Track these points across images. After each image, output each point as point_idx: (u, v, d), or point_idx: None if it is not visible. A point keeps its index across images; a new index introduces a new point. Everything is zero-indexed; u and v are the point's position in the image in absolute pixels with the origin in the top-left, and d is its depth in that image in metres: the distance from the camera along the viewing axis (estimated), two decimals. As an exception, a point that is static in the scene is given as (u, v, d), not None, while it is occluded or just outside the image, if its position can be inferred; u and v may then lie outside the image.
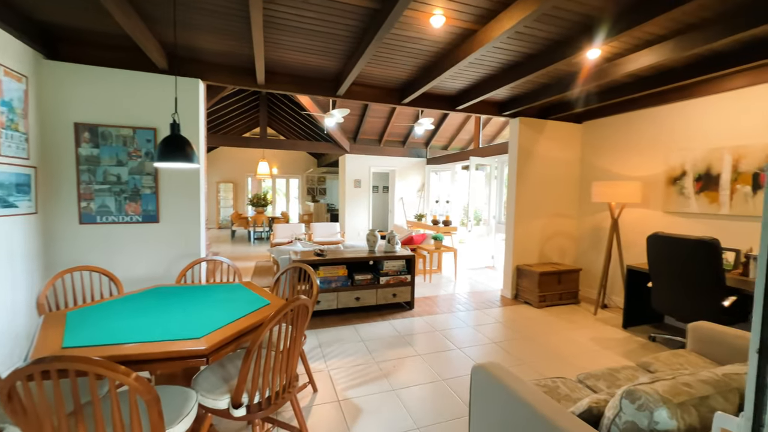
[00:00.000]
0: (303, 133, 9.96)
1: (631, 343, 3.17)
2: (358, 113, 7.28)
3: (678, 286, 2.85)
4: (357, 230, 8.66)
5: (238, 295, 2.05)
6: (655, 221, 3.80)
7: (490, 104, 4.22)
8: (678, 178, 3.59)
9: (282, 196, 13.55)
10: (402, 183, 8.95)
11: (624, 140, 4.11)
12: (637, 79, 3.34)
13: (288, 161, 12.76)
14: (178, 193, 3.04)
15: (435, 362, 2.73)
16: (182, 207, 3.04)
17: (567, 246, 4.74)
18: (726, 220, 3.24)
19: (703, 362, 1.89)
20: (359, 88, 3.62)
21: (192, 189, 3.07)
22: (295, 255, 3.72)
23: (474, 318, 3.76)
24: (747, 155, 3.08)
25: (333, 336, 3.19)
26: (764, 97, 2.97)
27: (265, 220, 9.11)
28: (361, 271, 3.89)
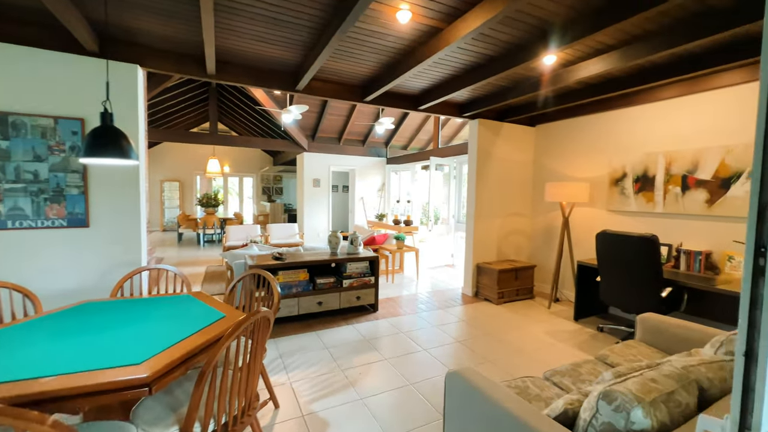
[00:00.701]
0: (258, 130, 9.48)
1: (583, 335, 3.37)
2: (317, 110, 7.06)
3: (623, 279, 3.06)
4: (317, 231, 8.42)
5: (187, 308, 1.83)
6: (601, 219, 4.09)
7: (451, 105, 4.27)
8: (620, 179, 3.88)
9: (235, 196, 12.82)
10: (362, 183, 8.86)
11: (573, 143, 4.38)
12: (586, 86, 3.56)
13: (241, 159, 12.09)
14: (114, 192, 2.68)
15: (402, 366, 2.68)
16: (118, 209, 2.69)
17: (522, 243, 4.96)
18: (660, 217, 3.56)
19: (652, 351, 2.03)
20: (320, 83, 3.47)
21: (130, 188, 2.72)
22: (252, 259, 3.47)
23: (438, 317, 3.78)
24: (677, 159, 3.40)
25: (295, 344, 3.01)
26: (692, 106, 3.30)
27: (217, 221, 8.52)
28: (323, 275, 3.74)
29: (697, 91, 3.24)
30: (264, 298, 2.26)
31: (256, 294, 2.39)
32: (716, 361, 1.31)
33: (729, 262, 3.05)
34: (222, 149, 11.46)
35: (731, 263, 3.04)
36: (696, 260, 3.17)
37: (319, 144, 8.08)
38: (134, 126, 2.69)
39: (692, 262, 3.20)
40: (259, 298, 2.19)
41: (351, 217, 8.97)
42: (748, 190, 3.03)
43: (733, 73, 2.98)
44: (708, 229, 3.22)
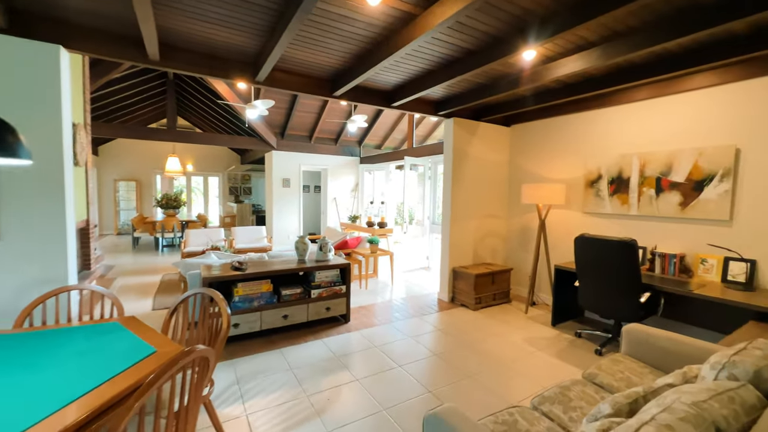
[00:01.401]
0: (223, 127, 8.93)
1: (561, 341, 3.27)
2: (286, 106, 6.68)
3: (602, 284, 2.98)
4: (287, 233, 8.02)
5: (109, 342, 1.50)
6: (576, 222, 4.03)
7: (425, 102, 4.07)
8: (595, 181, 3.83)
9: (200, 196, 12.08)
10: (335, 182, 8.54)
11: (548, 144, 4.31)
12: (563, 85, 3.46)
13: (206, 157, 11.39)
14: (27, 198, 2.24)
15: (375, 387, 2.44)
16: (35, 216, 2.26)
17: (498, 246, 4.86)
18: (635, 220, 3.53)
19: (640, 367, 1.90)
20: (284, 75, 3.15)
21: (51, 192, 2.30)
22: (207, 270, 3.11)
23: (413, 327, 3.57)
24: (651, 161, 3.37)
25: (255, 366, 2.69)
26: (665, 108, 3.28)
27: (177, 224, 7.91)
28: (290, 285, 3.43)
29: (670, 93, 3.22)
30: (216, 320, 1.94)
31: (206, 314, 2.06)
32: (725, 392, 1.16)
33: (702, 265, 3.04)
34: (184, 147, 10.73)
35: (704, 266, 3.03)
36: (671, 263, 3.15)
37: (289, 142, 7.69)
38: (54, 118, 2.27)
39: (667, 265, 3.17)
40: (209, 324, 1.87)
41: (323, 219, 8.63)
42: (720, 192, 3.04)
43: (704, 75, 2.96)
44: (682, 231, 3.20)
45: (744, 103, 2.80)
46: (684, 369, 1.59)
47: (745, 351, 1.41)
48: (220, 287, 3.20)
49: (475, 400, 2.31)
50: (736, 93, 2.84)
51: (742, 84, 2.80)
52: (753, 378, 1.28)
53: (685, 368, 1.60)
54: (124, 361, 1.33)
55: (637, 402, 1.36)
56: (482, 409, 2.21)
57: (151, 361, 1.34)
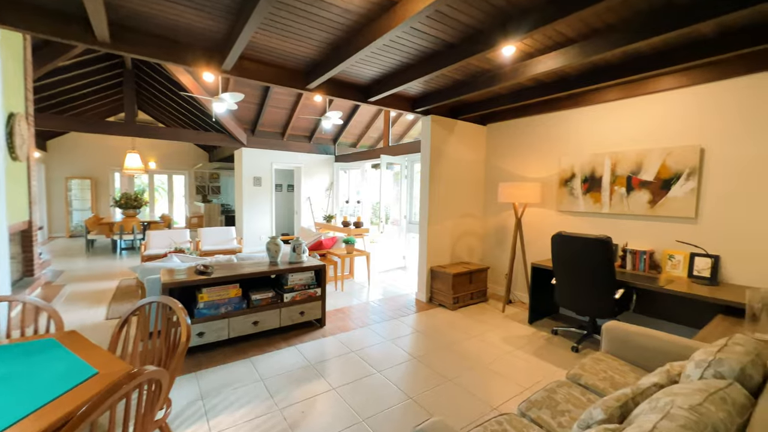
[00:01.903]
0: (188, 122, 8.44)
1: (539, 340, 3.27)
2: (257, 101, 6.38)
3: (579, 281, 3.00)
4: (258, 234, 7.69)
5: (42, 362, 1.27)
6: (550, 220, 4.08)
7: (403, 99, 3.98)
8: (569, 179, 3.89)
9: (164, 196, 11.40)
10: (309, 181, 8.29)
11: (523, 143, 4.34)
12: (539, 84, 3.48)
13: (171, 154, 10.76)
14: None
15: (353, 396, 2.30)
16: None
17: (474, 245, 4.85)
18: (607, 218, 3.61)
19: (621, 365, 1.89)
20: (254, 64, 2.94)
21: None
22: (169, 275, 2.85)
23: (391, 329, 3.46)
24: (622, 160, 3.45)
25: (222, 378, 2.48)
26: (635, 109, 3.36)
27: (137, 225, 7.37)
28: (260, 289, 3.22)
29: (640, 94, 3.30)
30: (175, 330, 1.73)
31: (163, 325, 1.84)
32: (716, 392, 1.13)
33: (669, 261, 3.14)
34: (146, 143, 10.06)
35: (671, 262, 3.13)
36: (641, 260, 3.23)
37: (260, 139, 7.37)
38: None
39: (638, 262, 3.25)
40: (169, 337, 1.66)
41: (297, 219, 8.36)
42: (686, 191, 3.16)
43: (673, 77, 3.05)
44: (651, 229, 3.29)
45: (709, 105, 2.91)
46: (666, 367, 1.58)
47: (727, 348, 1.40)
48: (182, 293, 2.94)
49: (458, 405, 2.23)
50: (701, 95, 2.94)
51: (707, 86, 2.90)
52: (739, 375, 1.27)
53: (667, 366, 1.59)
54: (58, 386, 1.12)
55: (626, 405, 1.32)
56: (466, 414, 2.13)
57: (92, 385, 1.14)
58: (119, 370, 1.24)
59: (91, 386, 1.14)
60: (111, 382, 1.09)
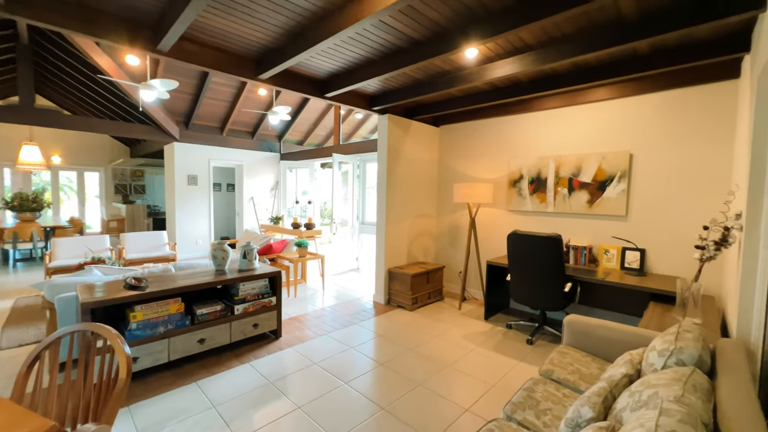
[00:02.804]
0: (104, 110, 7.33)
1: (497, 335, 3.40)
2: (192, 91, 5.75)
3: (532, 277, 3.17)
4: (194, 239, 6.96)
5: None
6: (501, 219, 4.28)
7: (360, 96, 3.86)
8: (517, 180, 4.12)
9: (73, 196, 9.80)
10: (252, 181, 7.73)
11: (475, 145, 4.49)
12: (493, 88, 3.61)
13: (81, 147, 9.26)
14: None
15: (321, 413, 2.13)
16: None
17: (429, 245, 4.91)
18: (551, 216, 3.88)
19: (583, 356, 2.01)
20: (197, 47, 2.59)
21: None
22: (89, 292, 2.37)
23: (352, 335, 3.33)
24: (565, 163, 3.74)
25: (164, 409, 2.13)
26: (576, 116, 3.65)
27: (38, 231, 6.20)
28: (206, 301, 2.86)
29: (580, 103, 3.60)
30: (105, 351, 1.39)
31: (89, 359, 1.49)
32: (687, 380, 1.21)
33: (605, 255, 3.46)
34: (48, 133, 8.51)
35: (607, 256, 3.46)
36: (582, 254, 3.52)
37: (196, 133, 6.66)
38: None
39: (579, 257, 3.54)
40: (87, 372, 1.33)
41: (239, 221, 7.75)
42: (618, 191, 3.51)
43: (607, 88, 3.37)
44: (589, 226, 3.61)
45: (636, 115, 3.26)
46: (627, 357, 1.69)
47: (681, 335, 1.53)
48: (107, 314, 2.48)
49: (432, 410, 2.18)
50: (630, 106, 3.29)
51: (635, 98, 3.25)
52: (697, 362, 1.39)
53: (627, 356, 1.70)
54: (-63, 463, 0.81)
55: (606, 399, 1.36)
56: (441, 419, 2.09)
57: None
58: (34, 429, 0.94)
59: (-7, 457, 0.84)
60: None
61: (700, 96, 2.91)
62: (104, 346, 1.34)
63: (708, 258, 2.27)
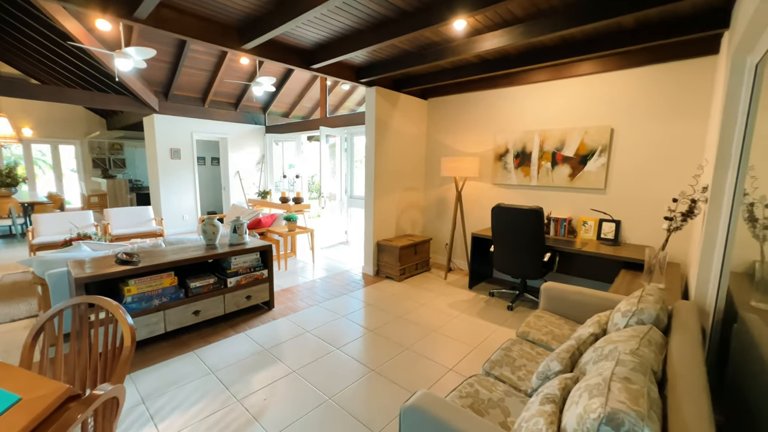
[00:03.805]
0: (77, 80, 6.94)
1: (479, 303, 3.59)
2: (170, 60, 5.49)
3: (514, 247, 3.32)
4: (181, 213, 6.89)
5: (-71, 394, 0.98)
6: (487, 193, 4.39)
7: (347, 67, 3.78)
8: (503, 155, 4.19)
9: (48, 170, 9.44)
10: (237, 154, 7.58)
11: (462, 119, 4.51)
12: (482, 60, 3.59)
13: (53, 120, 8.81)
14: None
15: (315, 375, 2.28)
16: None
17: (416, 217, 5.02)
18: (535, 189, 4.01)
19: (557, 320, 2.18)
20: (176, 14, 2.48)
21: None
22: (81, 268, 2.40)
23: (342, 305, 3.47)
24: (549, 138, 3.81)
25: (164, 376, 2.24)
26: (560, 90, 3.69)
27: (16, 207, 6.02)
28: (199, 275, 2.92)
29: (564, 77, 3.63)
30: (108, 322, 1.46)
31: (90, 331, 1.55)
32: (644, 336, 1.37)
33: (583, 226, 3.63)
34: (15, 104, 8.04)
35: (585, 227, 3.63)
36: (562, 226, 3.69)
37: (176, 105, 6.42)
38: None
39: (559, 228, 3.71)
40: (93, 340, 1.40)
41: (225, 195, 7.66)
42: (599, 165, 3.63)
43: (591, 62, 3.39)
44: (570, 198, 3.75)
45: (618, 90, 3.32)
46: (596, 318, 1.86)
47: (643, 298, 1.69)
48: (102, 288, 2.53)
49: (418, 370, 2.36)
50: (613, 80, 3.34)
51: (618, 73, 3.30)
52: (655, 320, 1.55)
53: (596, 317, 1.86)
54: (-35, 422, 0.88)
55: (574, 354, 1.52)
56: (427, 377, 2.27)
57: (16, 416, 0.92)
58: (50, 392, 1.01)
59: (14, 419, 0.92)
60: (48, 406, 0.90)
61: (680, 72, 2.98)
62: (106, 317, 1.40)
63: (675, 228, 2.43)
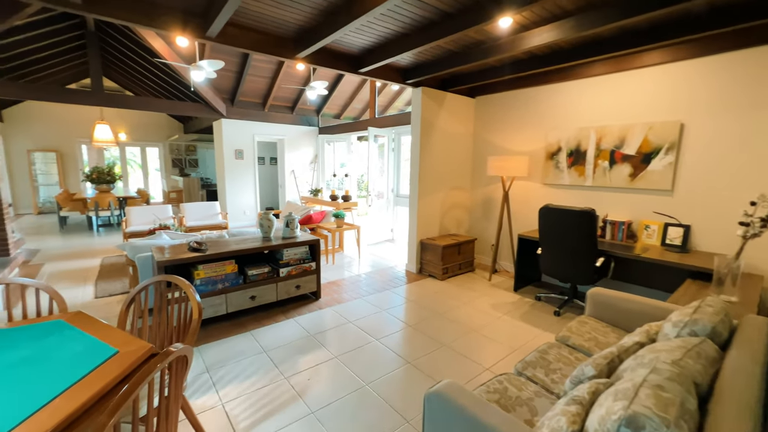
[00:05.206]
0: (161, 90, 7.93)
1: (524, 305, 3.49)
2: (236, 69, 6.05)
3: (563, 251, 3.18)
4: (242, 209, 7.55)
5: (59, 343, 1.28)
6: (536, 193, 4.22)
7: (394, 70, 3.89)
8: (555, 153, 4.00)
9: (138, 169, 10.89)
10: (293, 154, 8.10)
11: (511, 117, 4.38)
12: (531, 56, 3.47)
13: (142, 125, 10.16)
14: None
15: (355, 363, 2.43)
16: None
17: (462, 217, 4.98)
18: (589, 190, 3.77)
19: (604, 327, 2.08)
20: (239, 30, 2.78)
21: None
22: (161, 253, 2.81)
23: (384, 300, 3.59)
24: (607, 135, 3.56)
25: (225, 351, 2.54)
26: (621, 84, 3.43)
27: (114, 201, 7.08)
28: (256, 264, 3.23)
29: (626, 69, 3.36)
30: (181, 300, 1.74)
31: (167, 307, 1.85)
32: (692, 348, 1.28)
33: (645, 231, 3.35)
34: (114, 113, 9.43)
35: (647, 231, 3.34)
36: (620, 230, 3.44)
37: (241, 109, 7.05)
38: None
39: (616, 232, 3.46)
40: (170, 313, 1.68)
41: (282, 193, 8.23)
42: (665, 164, 3.32)
43: (659, 52, 3.11)
44: (630, 200, 3.48)
45: (690, 81, 3.01)
46: (645, 327, 1.75)
47: (700, 309, 1.56)
48: (177, 270, 2.93)
49: (454, 367, 2.39)
50: (684, 71, 3.03)
51: (691, 62, 2.98)
52: (710, 333, 1.43)
53: (646, 326, 1.76)
54: (80, 367, 1.14)
55: (613, 361, 1.47)
56: (462, 375, 2.30)
57: (114, 364, 1.17)
58: (138, 348, 1.26)
59: (114, 365, 1.16)
60: (137, 358, 1.12)
61: (763, 59, 2.62)
62: (180, 295, 1.66)
63: (752, 235, 2.17)
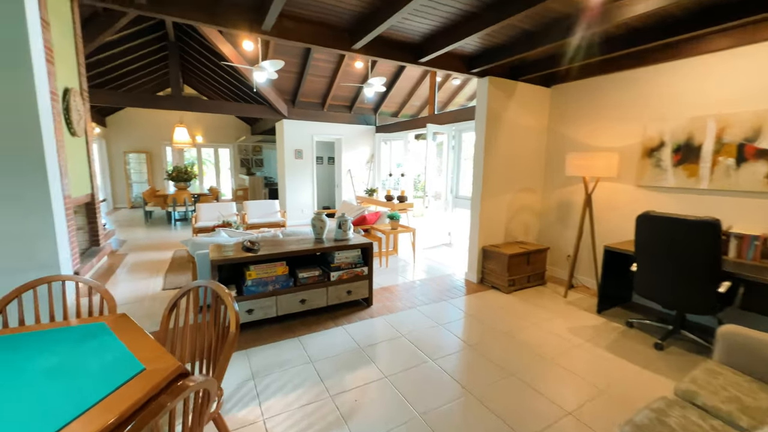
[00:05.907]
0: (230, 93, 8.45)
1: (611, 332, 2.90)
2: (296, 70, 6.15)
3: (670, 269, 2.55)
4: (300, 207, 7.72)
5: (89, 353, 1.19)
6: (627, 196, 3.54)
7: (457, 58, 3.52)
8: (655, 149, 3.30)
9: (211, 168, 11.83)
10: (349, 153, 8.08)
11: (596, 107, 3.73)
12: (629, 30, 2.87)
13: (215, 128, 11.00)
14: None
15: (407, 386, 2.15)
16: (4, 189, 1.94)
17: (530, 222, 4.42)
18: (704, 194, 3.03)
19: (746, 381, 1.52)
20: (294, 23, 2.66)
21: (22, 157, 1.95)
22: (217, 251, 2.81)
23: (441, 312, 3.25)
24: (733, 124, 2.81)
25: (272, 357, 2.43)
26: (752, 59, 2.66)
27: (189, 197, 7.69)
28: (307, 266, 3.12)
29: (758, 41, 2.60)
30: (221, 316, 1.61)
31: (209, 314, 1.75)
32: None
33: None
34: (192, 116, 10.34)
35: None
36: (750, 246, 2.68)
37: (301, 110, 7.19)
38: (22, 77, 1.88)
39: (745, 248, 2.70)
40: (211, 323, 1.55)
41: (338, 192, 8.27)
42: (824, 161, 2.50)
43: (820, 12, 2.33)
44: (765, 208, 2.70)
45: None
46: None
47: None
48: (231, 269, 2.92)
49: (526, 406, 1.99)
50: None
51: None
52: None
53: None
54: (105, 384, 1.02)
55: (789, 450, 1.00)
56: (537, 419, 1.89)
57: (138, 384, 1.03)
58: (166, 368, 1.12)
59: (136, 387, 1.03)
60: (165, 374, 0.97)
61: None
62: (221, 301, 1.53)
63: None
